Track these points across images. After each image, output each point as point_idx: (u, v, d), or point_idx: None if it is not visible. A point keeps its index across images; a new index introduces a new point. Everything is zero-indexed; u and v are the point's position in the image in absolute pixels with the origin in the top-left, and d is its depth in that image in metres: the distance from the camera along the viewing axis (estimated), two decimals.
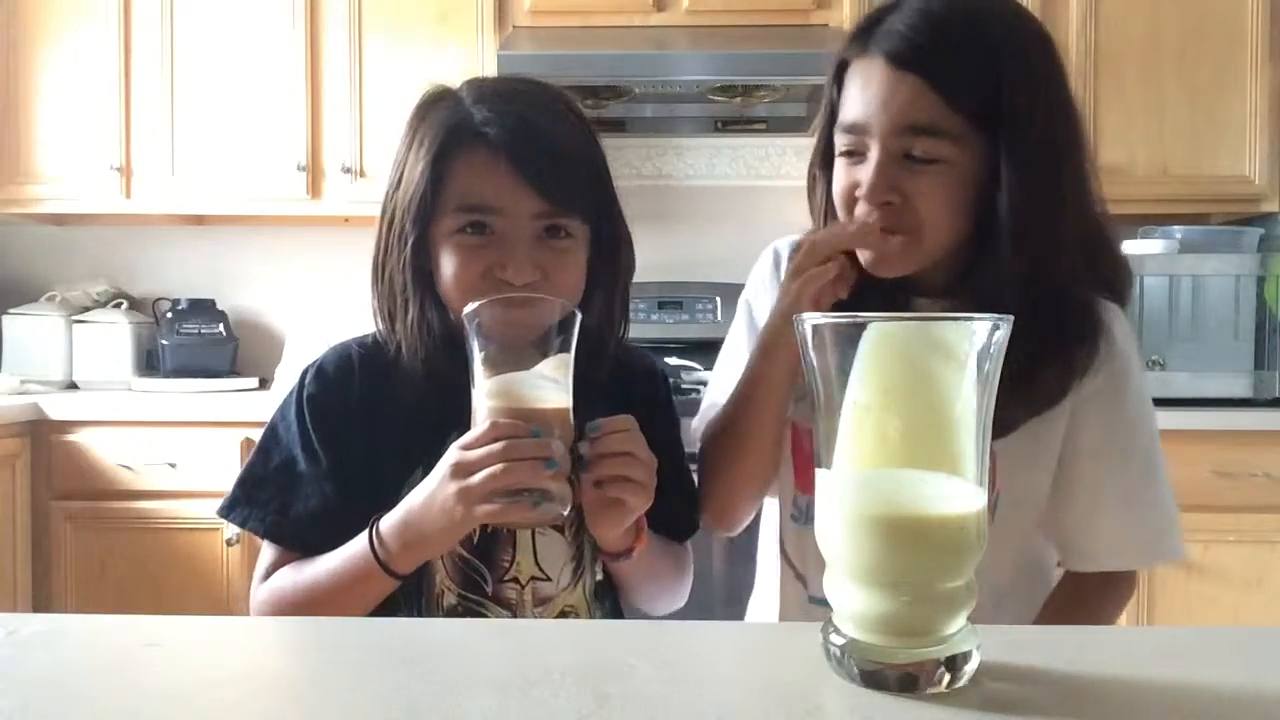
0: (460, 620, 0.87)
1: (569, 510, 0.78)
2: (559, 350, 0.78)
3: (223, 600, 2.23)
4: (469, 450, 0.76)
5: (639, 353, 1.04)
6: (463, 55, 2.43)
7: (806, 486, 0.98)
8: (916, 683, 0.49)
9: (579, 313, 0.78)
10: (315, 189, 2.51)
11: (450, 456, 0.78)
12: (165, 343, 2.60)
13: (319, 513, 0.89)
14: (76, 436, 2.25)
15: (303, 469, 0.90)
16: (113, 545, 2.25)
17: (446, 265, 0.87)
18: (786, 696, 0.49)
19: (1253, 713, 0.48)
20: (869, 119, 0.87)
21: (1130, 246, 2.23)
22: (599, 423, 0.81)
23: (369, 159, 2.48)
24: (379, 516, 0.84)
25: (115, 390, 2.55)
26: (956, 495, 0.50)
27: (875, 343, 0.50)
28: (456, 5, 2.46)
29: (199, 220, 2.79)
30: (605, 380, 0.93)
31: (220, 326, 2.66)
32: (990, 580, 0.93)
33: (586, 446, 0.80)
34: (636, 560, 0.90)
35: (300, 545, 0.90)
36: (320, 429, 0.90)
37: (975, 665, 0.50)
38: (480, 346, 0.77)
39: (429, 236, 0.87)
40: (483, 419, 0.77)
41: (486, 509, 0.75)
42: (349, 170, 2.48)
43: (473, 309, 0.77)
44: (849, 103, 0.90)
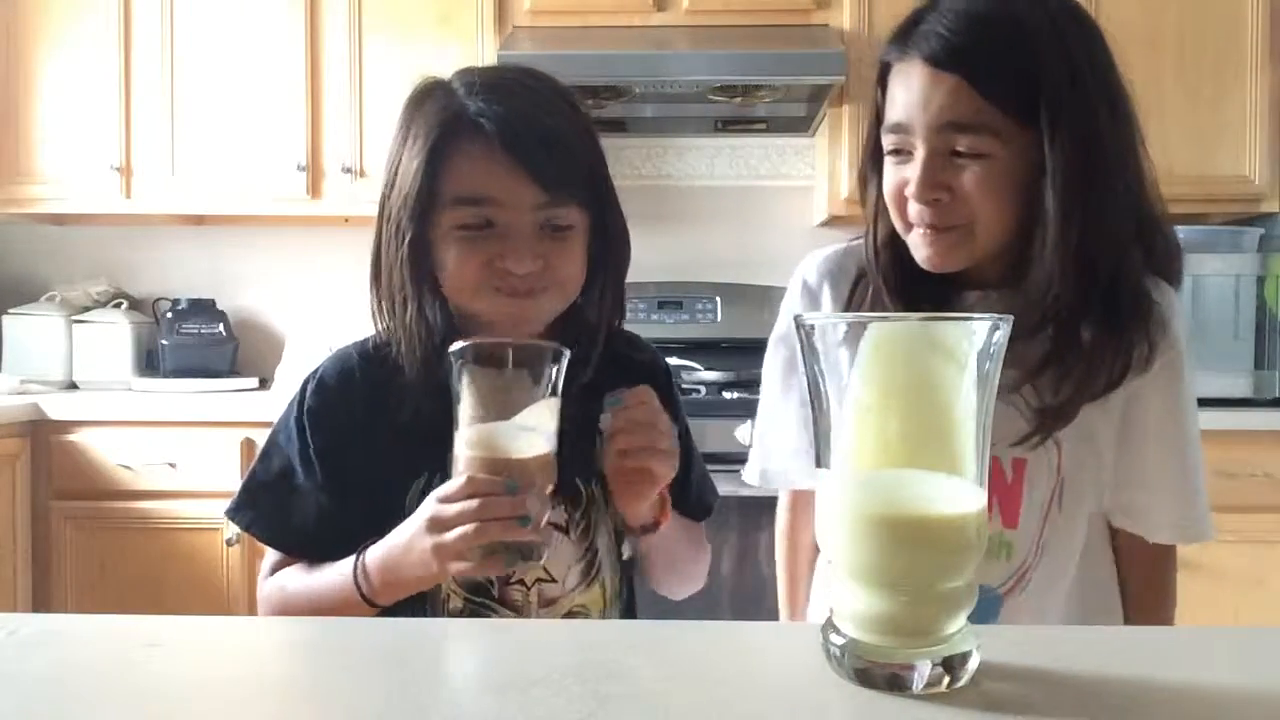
0: (460, 620, 0.87)
1: (544, 560, 0.79)
2: (545, 394, 0.76)
3: (223, 600, 2.23)
4: (445, 504, 0.76)
5: (640, 343, 1.04)
6: (463, 55, 2.42)
7: None
8: (916, 683, 0.49)
9: (567, 351, 0.77)
10: (315, 189, 2.50)
11: (427, 508, 0.78)
12: (165, 343, 2.60)
13: (315, 524, 0.89)
14: (76, 436, 2.25)
15: (300, 481, 0.90)
16: (113, 545, 2.25)
17: (447, 259, 0.86)
18: (786, 696, 0.49)
19: (1253, 713, 0.48)
20: (912, 119, 0.89)
21: None
22: (620, 394, 0.82)
23: (369, 159, 2.48)
24: (368, 544, 0.84)
25: (115, 390, 2.55)
26: (956, 495, 0.50)
27: (876, 343, 0.50)
28: (457, 5, 2.46)
29: (199, 220, 2.79)
30: (606, 371, 0.93)
31: (220, 326, 2.66)
32: (1059, 564, 0.95)
33: (608, 420, 0.80)
34: (662, 535, 0.91)
35: (299, 554, 0.91)
36: (319, 442, 0.90)
37: (975, 665, 0.50)
38: (464, 386, 0.76)
39: (427, 232, 0.87)
40: (461, 469, 0.76)
41: (459, 566, 0.76)
42: (349, 170, 2.48)
43: (458, 348, 0.75)
44: (893, 104, 0.91)
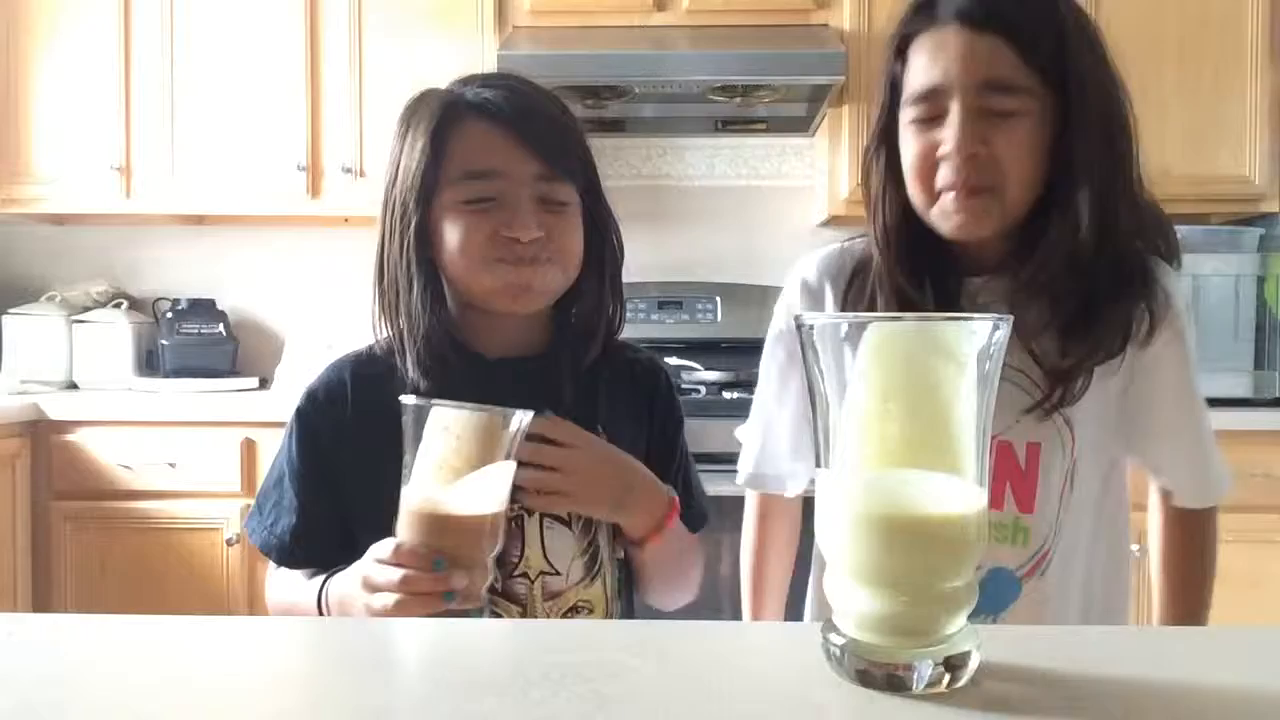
0: (461, 620, 0.87)
1: (484, 607, 0.80)
2: (500, 456, 0.75)
3: (223, 600, 2.23)
4: (377, 565, 0.77)
5: (642, 352, 1.05)
6: (463, 55, 2.42)
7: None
8: (916, 683, 0.49)
9: (528, 415, 0.77)
10: (315, 189, 2.50)
11: (363, 565, 0.79)
12: (165, 343, 2.60)
13: (300, 530, 0.92)
14: (76, 436, 2.25)
15: (288, 486, 0.93)
16: (112, 545, 2.25)
17: (452, 234, 0.88)
18: (786, 696, 0.49)
19: (1253, 713, 0.48)
20: (948, 80, 0.90)
21: None
22: (546, 419, 0.85)
23: (369, 159, 2.48)
24: (335, 571, 0.86)
25: (115, 390, 2.55)
26: (957, 495, 0.50)
27: (875, 343, 0.50)
28: (457, 5, 2.46)
29: (199, 220, 2.79)
30: (606, 376, 0.94)
31: (220, 326, 2.66)
32: (1076, 544, 0.98)
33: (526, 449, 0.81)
34: (661, 549, 0.92)
35: (285, 561, 0.93)
36: (307, 446, 0.93)
37: (975, 665, 0.50)
38: (416, 440, 0.75)
39: (431, 216, 0.89)
40: (400, 525, 0.76)
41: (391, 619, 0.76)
42: (349, 170, 2.48)
43: (413, 404, 0.75)
44: (919, 72, 0.92)
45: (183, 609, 2.19)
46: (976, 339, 0.49)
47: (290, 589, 0.92)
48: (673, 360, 2.39)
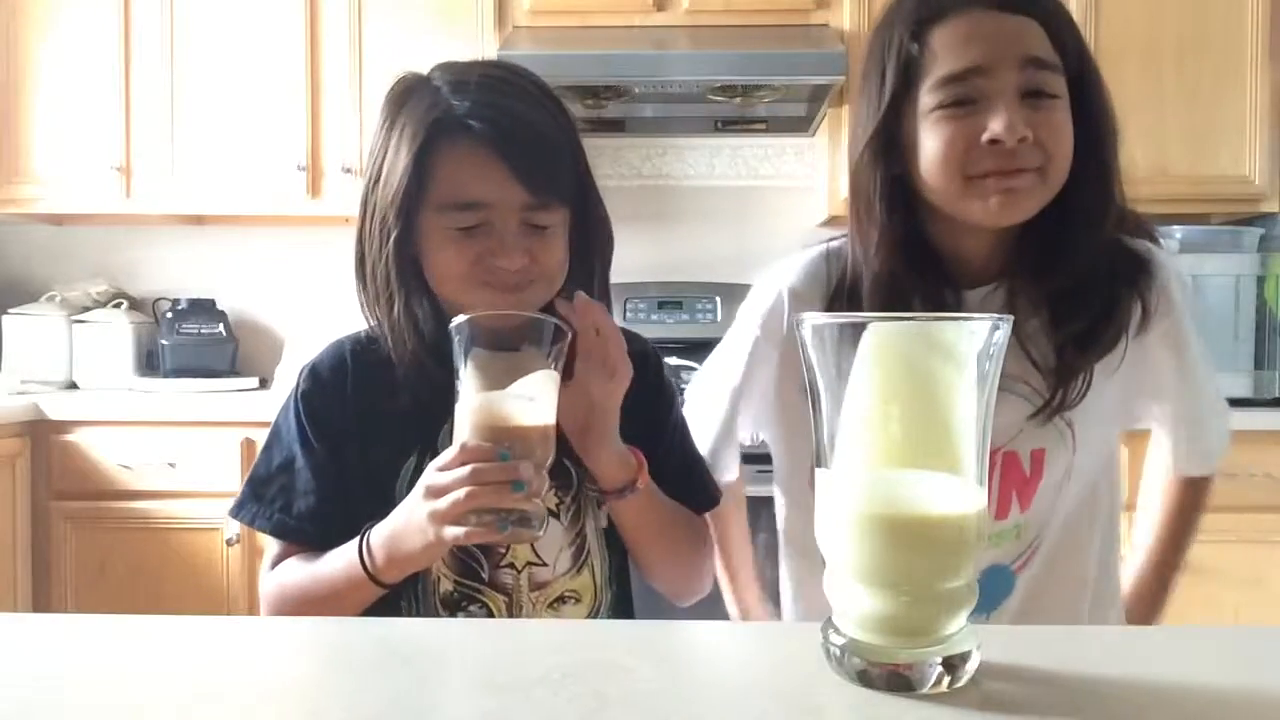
0: (461, 620, 0.87)
1: (543, 529, 0.79)
2: (546, 365, 0.77)
3: (223, 600, 2.23)
4: (440, 473, 0.77)
5: (630, 335, 1.04)
6: (463, 56, 2.42)
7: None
8: (916, 682, 0.49)
9: (570, 330, 0.79)
10: (315, 189, 2.51)
11: (425, 478, 0.78)
12: (165, 343, 2.60)
13: (319, 508, 0.90)
14: (76, 436, 2.25)
15: (301, 465, 0.91)
16: (112, 545, 2.25)
17: (437, 257, 0.87)
18: (786, 696, 0.49)
19: (1253, 713, 0.48)
20: (989, 59, 0.86)
21: None
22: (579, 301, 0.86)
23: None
24: (371, 525, 0.84)
25: (115, 390, 2.55)
26: (956, 495, 0.50)
27: (875, 344, 0.50)
28: (457, 5, 2.46)
29: (199, 220, 2.79)
30: None
31: (220, 326, 2.66)
32: (1071, 533, 0.99)
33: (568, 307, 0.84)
34: (641, 508, 0.90)
35: (303, 541, 0.91)
36: (315, 424, 0.91)
37: (975, 665, 0.50)
38: (465, 359, 0.77)
39: (413, 227, 0.87)
40: (460, 437, 0.77)
41: (454, 532, 0.76)
42: (349, 170, 2.48)
43: (459, 322, 0.76)
44: (950, 54, 0.88)
45: (182, 609, 2.19)
46: (976, 339, 0.49)
47: (306, 569, 0.89)
48: (673, 360, 2.39)
